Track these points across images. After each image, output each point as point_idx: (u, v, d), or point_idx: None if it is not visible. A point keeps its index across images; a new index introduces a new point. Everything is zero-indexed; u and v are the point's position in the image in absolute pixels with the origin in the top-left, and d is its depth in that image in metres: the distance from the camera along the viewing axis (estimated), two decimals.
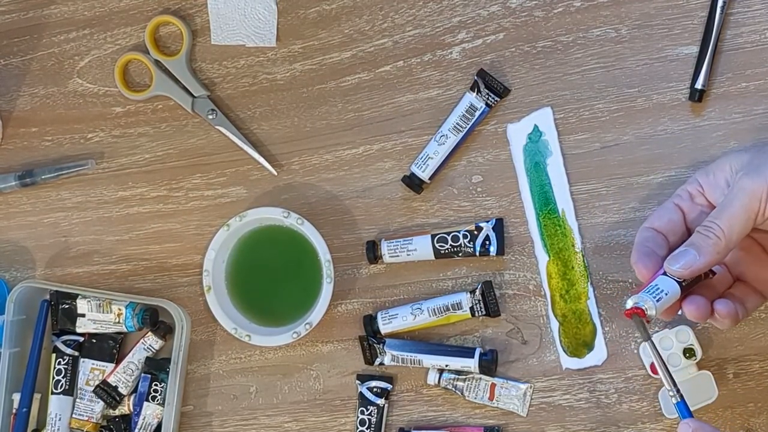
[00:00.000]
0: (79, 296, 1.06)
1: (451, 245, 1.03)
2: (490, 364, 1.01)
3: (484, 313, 1.02)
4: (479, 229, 1.03)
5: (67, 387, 1.07)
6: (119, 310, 1.06)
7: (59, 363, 1.07)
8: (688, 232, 0.89)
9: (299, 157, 1.07)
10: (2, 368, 1.06)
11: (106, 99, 1.11)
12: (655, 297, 0.84)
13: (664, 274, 0.86)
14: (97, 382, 1.07)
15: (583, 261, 1.02)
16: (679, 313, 0.89)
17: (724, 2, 1.00)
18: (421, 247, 1.03)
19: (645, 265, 0.87)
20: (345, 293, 1.06)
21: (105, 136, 1.11)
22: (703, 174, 0.90)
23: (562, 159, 1.03)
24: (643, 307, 0.84)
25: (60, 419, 1.07)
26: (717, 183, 0.88)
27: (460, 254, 1.03)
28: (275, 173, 1.07)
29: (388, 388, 1.04)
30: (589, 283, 1.02)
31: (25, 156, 1.12)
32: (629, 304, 0.85)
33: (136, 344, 1.07)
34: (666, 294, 0.85)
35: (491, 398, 1.02)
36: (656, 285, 0.85)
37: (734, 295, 0.90)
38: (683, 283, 0.86)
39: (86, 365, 1.08)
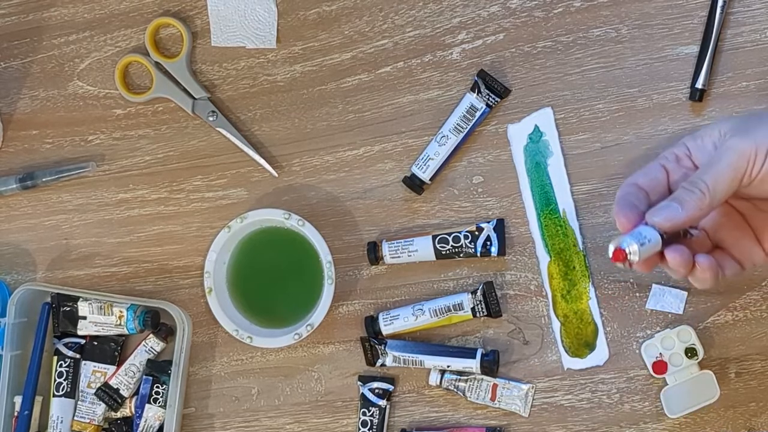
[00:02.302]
0: (81, 299, 1.06)
1: (452, 246, 1.03)
2: (491, 365, 1.01)
3: (485, 313, 1.02)
4: (480, 229, 1.03)
5: (68, 389, 1.07)
6: (120, 312, 1.06)
7: (61, 365, 1.07)
8: (670, 193, 0.89)
9: (300, 159, 1.07)
10: (4, 371, 1.06)
11: (107, 101, 1.11)
12: (638, 241, 0.82)
13: (646, 224, 0.84)
14: (98, 385, 1.07)
15: (585, 261, 1.02)
16: (680, 312, 0.88)
17: (724, 2, 1.00)
18: (422, 248, 1.03)
19: (626, 215, 0.85)
20: (346, 294, 1.06)
21: (105, 139, 1.11)
22: (691, 138, 0.89)
23: (563, 159, 1.03)
24: (627, 250, 0.82)
25: (62, 422, 1.07)
26: (704, 146, 0.87)
27: (461, 255, 1.03)
28: (276, 175, 1.07)
29: (390, 389, 1.04)
30: (590, 283, 1.02)
31: (26, 158, 1.12)
32: (612, 245, 0.82)
33: (138, 346, 1.07)
34: (649, 241, 0.83)
35: (493, 399, 1.02)
36: (639, 231, 0.83)
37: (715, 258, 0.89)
38: (664, 237, 0.84)
39: (88, 368, 1.08)
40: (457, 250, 1.03)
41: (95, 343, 1.08)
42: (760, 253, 0.88)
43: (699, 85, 1.00)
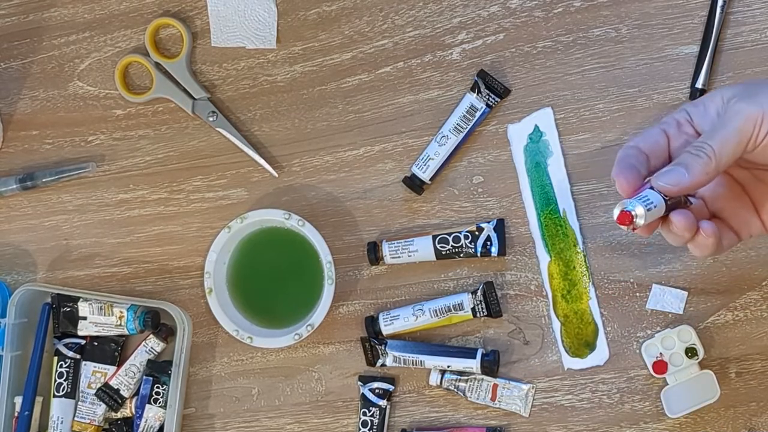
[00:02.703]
0: (81, 299, 1.06)
1: (452, 246, 1.03)
2: (492, 365, 1.01)
3: (485, 313, 1.02)
4: (480, 229, 1.03)
5: (68, 390, 1.07)
6: (121, 312, 1.06)
7: (61, 366, 1.07)
8: (670, 159, 0.88)
9: (300, 159, 1.07)
10: (4, 372, 1.06)
11: (107, 102, 1.11)
12: (644, 205, 0.81)
13: (650, 188, 0.83)
14: (98, 385, 1.07)
15: (585, 261, 1.02)
16: (680, 312, 0.88)
17: (724, 1, 1.00)
18: (423, 248, 1.03)
19: (626, 177, 0.84)
20: (346, 294, 1.06)
21: (105, 139, 1.11)
22: (692, 105, 0.88)
23: (563, 159, 1.03)
24: (633, 213, 0.82)
25: (62, 422, 1.07)
26: (707, 112, 0.87)
27: (461, 255, 1.03)
28: (276, 175, 1.07)
29: (390, 390, 1.04)
30: (590, 283, 1.02)
31: (26, 159, 1.12)
32: (618, 208, 0.81)
33: (138, 347, 1.07)
34: (654, 205, 0.82)
35: (493, 399, 1.02)
36: (645, 195, 0.82)
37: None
38: (667, 202, 0.83)
39: (88, 368, 1.08)
40: (457, 250, 1.03)
41: (95, 343, 1.08)
42: (757, 224, 0.88)
43: (699, 84, 1.00)
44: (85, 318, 1.06)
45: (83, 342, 1.08)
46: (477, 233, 1.03)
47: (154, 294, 1.09)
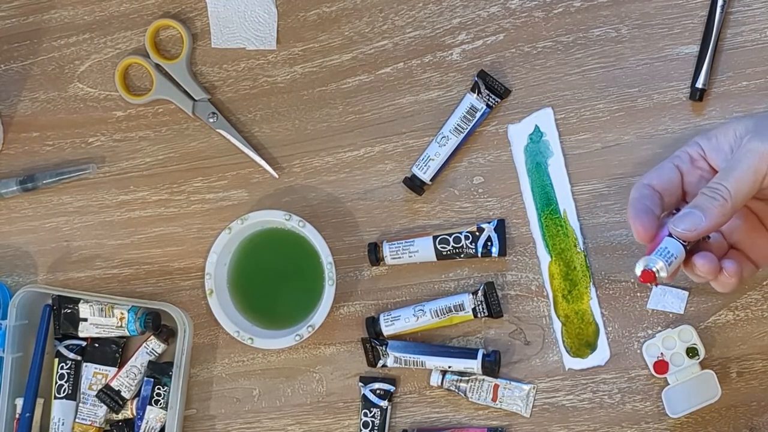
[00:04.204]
0: (81, 300, 1.06)
1: (452, 246, 1.03)
2: (493, 365, 1.01)
3: (486, 314, 1.02)
4: (481, 230, 1.03)
5: (69, 391, 1.07)
6: (121, 314, 1.06)
7: (62, 367, 1.07)
8: (684, 195, 0.88)
9: (300, 160, 1.07)
10: (5, 373, 1.06)
11: (107, 103, 1.11)
12: (665, 259, 0.82)
13: (670, 235, 0.84)
14: (99, 387, 1.07)
15: (585, 261, 1.02)
16: (681, 312, 0.88)
17: (724, 1, 1.00)
18: (423, 249, 1.03)
19: (642, 222, 0.85)
20: (347, 295, 1.06)
21: (106, 140, 1.11)
22: (705, 138, 0.88)
23: (564, 159, 1.03)
24: (655, 269, 0.82)
25: (63, 424, 1.07)
26: (720, 147, 0.87)
27: (461, 255, 1.03)
28: (276, 176, 1.07)
29: (391, 390, 1.04)
30: (591, 284, 1.02)
31: (27, 161, 1.12)
32: (640, 266, 0.82)
33: (139, 348, 1.07)
34: (675, 257, 0.83)
35: (494, 399, 1.02)
36: (665, 247, 0.83)
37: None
38: (685, 246, 0.84)
39: (89, 369, 1.08)
40: (457, 250, 1.03)
41: (96, 345, 1.08)
42: None
43: (699, 84, 1.00)
44: (85, 319, 1.06)
45: (84, 343, 1.08)
46: (477, 234, 1.03)
47: (155, 295, 1.09)
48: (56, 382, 1.07)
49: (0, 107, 1.12)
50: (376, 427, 1.04)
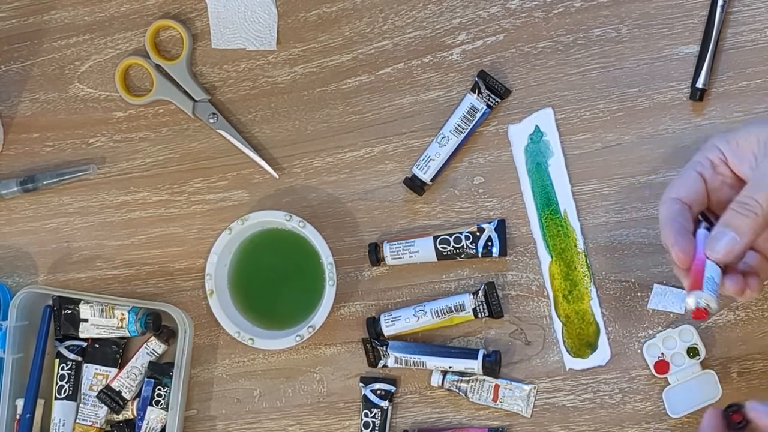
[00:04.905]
0: (82, 301, 1.06)
1: (453, 247, 1.03)
2: (493, 366, 1.01)
3: (487, 314, 1.02)
4: (481, 230, 1.03)
5: (70, 392, 1.07)
6: (122, 314, 1.06)
7: (62, 368, 1.07)
8: (709, 200, 0.88)
9: (300, 160, 1.07)
10: (5, 374, 1.06)
11: (107, 104, 1.11)
12: (713, 291, 0.82)
13: (706, 257, 0.84)
14: (100, 387, 1.07)
15: (586, 261, 1.02)
16: (681, 312, 0.88)
17: (724, 1, 1.00)
18: (424, 249, 1.03)
19: (683, 249, 0.84)
20: (348, 296, 1.06)
21: (106, 141, 1.11)
22: (724, 142, 0.87)
23: (564, 159, 1.03)
24: (705, 305, 0.82)
25: (64, 425, 1.07)
26: (743, 154, 0.86)
27: (462, 256, 1.03)
28: (277, 176, 1.07)
29: (392, 391, 1.04)
30: (591, 284, 1.02)
31: (27, 161, 1.12)
32: (691, 304, 0.83)
33: (139, 349, 1.07)
34: (717, 284, 0.83)
35: (495, 399, 1.02)
36: (711, 277, 0.82)
37: (749, 265, 0.88)
38: (722, 268, 0.85)
39: (89, 370, 1.08)
40: (458, 250, 1.03)
41: (97, 345, 1.08)
42: None
43: (699, 84, 1.00)
44: (86, 320, 1.06)
45: (85, 344, 1.08)
46: (478, 234, 1.03)
47: (156, 296, 1.09)
48: (57, 383, 1.07)
49: (0, 108, 1.12)
50: (376, 428, 1.03)
